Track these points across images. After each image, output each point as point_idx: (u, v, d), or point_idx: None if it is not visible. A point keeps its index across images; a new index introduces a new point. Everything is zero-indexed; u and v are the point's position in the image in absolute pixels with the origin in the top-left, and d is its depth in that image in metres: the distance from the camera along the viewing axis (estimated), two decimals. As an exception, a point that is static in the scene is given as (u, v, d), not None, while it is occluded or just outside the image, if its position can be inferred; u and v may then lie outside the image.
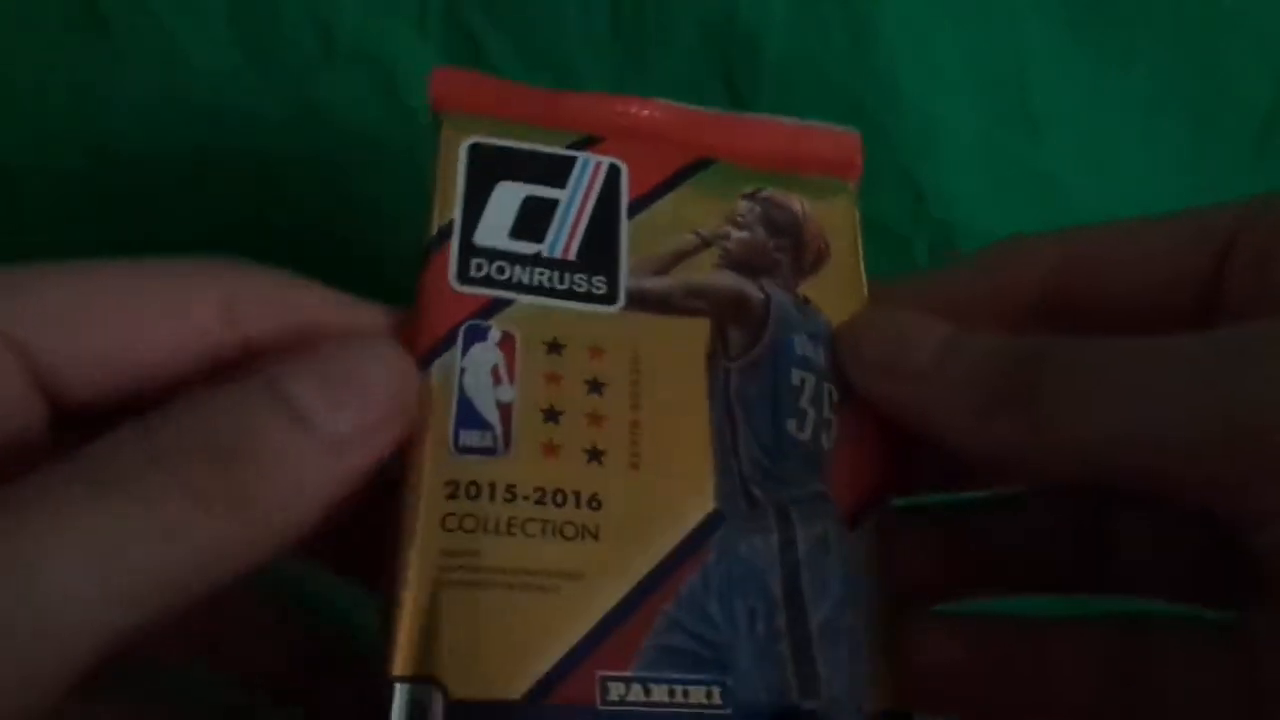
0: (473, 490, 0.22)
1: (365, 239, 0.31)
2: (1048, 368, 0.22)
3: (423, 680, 0.20)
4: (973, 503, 0.27)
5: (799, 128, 0.28)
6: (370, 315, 0.23)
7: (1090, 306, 0.25)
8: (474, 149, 0.25)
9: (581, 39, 0.30)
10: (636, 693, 0.21)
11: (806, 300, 0.26)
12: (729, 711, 0.21)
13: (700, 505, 0.23)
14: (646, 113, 0.27)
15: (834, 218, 0.27)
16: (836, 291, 0.26)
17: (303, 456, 0.20)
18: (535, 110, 0.26)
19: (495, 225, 0.25)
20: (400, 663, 0.20)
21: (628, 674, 0.21)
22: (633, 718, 0.21)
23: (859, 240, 0.27)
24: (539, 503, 0.22)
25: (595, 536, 0.22)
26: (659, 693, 0.21)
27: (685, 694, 0.21)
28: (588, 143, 0.26)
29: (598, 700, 0.21)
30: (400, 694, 0.20)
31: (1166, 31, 0.29)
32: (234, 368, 0.22)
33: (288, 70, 0.29)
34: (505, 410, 0.23)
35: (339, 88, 0.30)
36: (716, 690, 0.21)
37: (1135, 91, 0.28)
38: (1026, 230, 0.23)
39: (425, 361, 0.23)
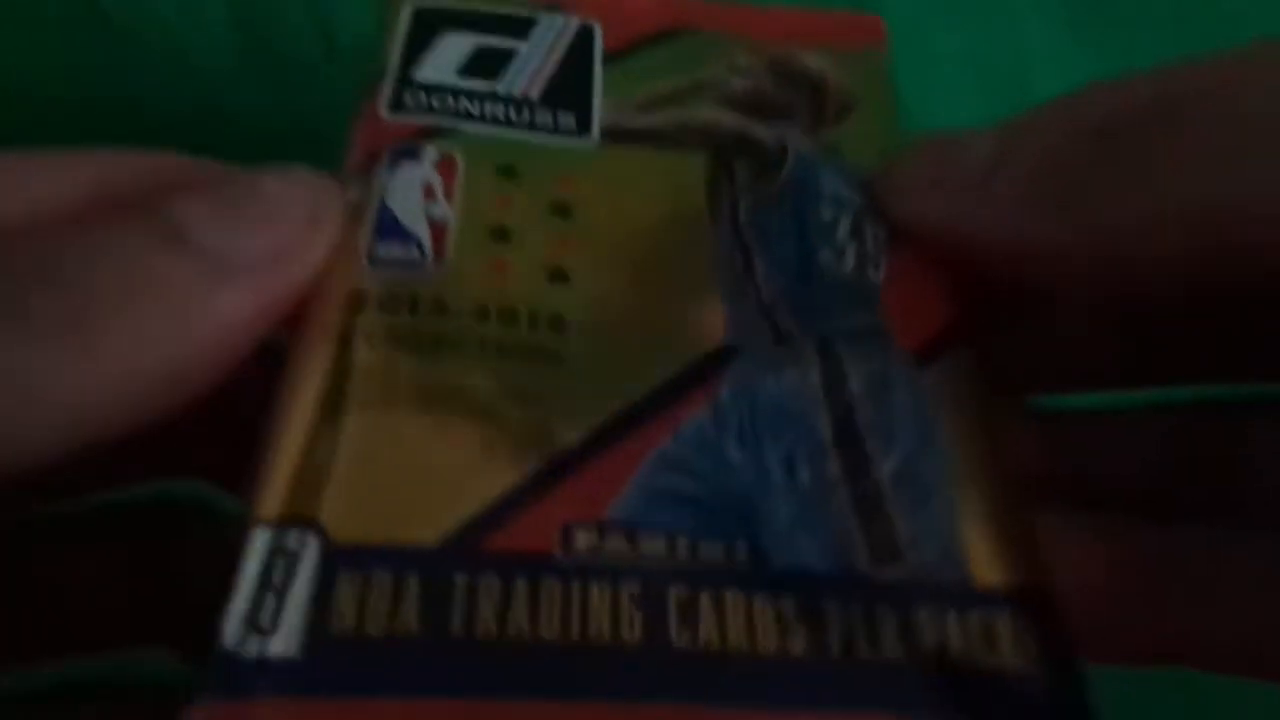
0: (387, 302, 0.16)
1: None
2: (1124, 143, 0.16)
3: (293, 523, 0.13)
4: (1071, 412, 0.21)
5: (810, 13, 0.24)
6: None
7: None
8: (418, 15, 0.21)
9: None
10: (617, 543, 0.14)
11: (832, 149, 0.21)
12: (763, 577, 0.14)
13: (704, 338, 0.17)
14: None
15: (861, 78, 0.22)
16: (866, 139, 0.21)
17: (176, 280, 0.15)
18: None
19: (440, 63, 0.20)
20: (265, 503, 0.14)
21: (604, 519, 0.14)
22: (613, 576, 0.14)
23: (894, 101, 0.22)
24: (479, 316, 0.16)
25: (557, 361, 0.16)
26: (652, 544, 0.14)
27: (693, 549, 0.14)
28: (554, 8, 0.22)
29: (556, 549, 0.14)
30: (257, 541, 0.13)
31: (1166, 31, 0.29)
32: None
33: (288, 70, 0.29)
34: (439, 228, 0.17)
35: (339, 88, 0.29)
36: (740, 547, 0.14)
37: None
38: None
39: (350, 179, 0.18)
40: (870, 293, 0.18)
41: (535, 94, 0.20)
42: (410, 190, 0.18)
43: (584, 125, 0.20)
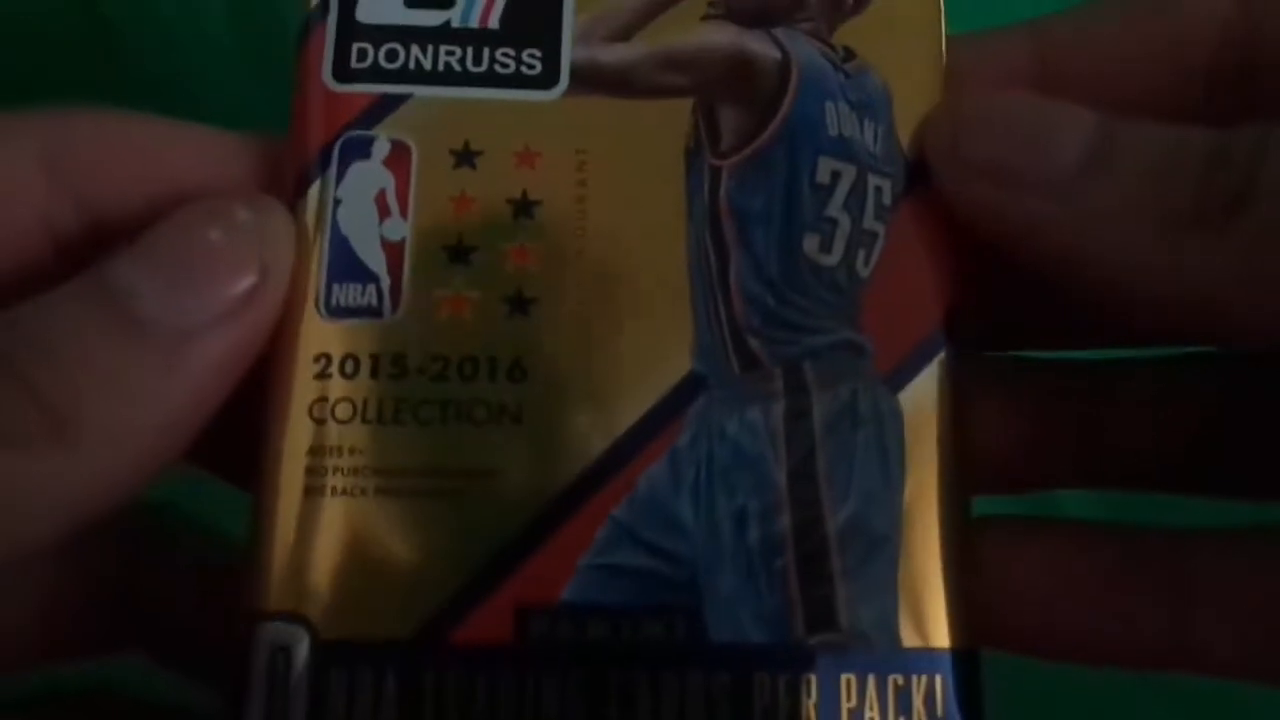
0: (348, 366, 0.16)
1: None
2: (1270, 163, 0.14)
3: (286, 617, 0.16)
4: (1073, 366, 0.19)
5: None
6: (229, 150, 0.18)
7: None
8: None
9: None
10: (567, 629, 0.15)
11: (849, 53, 0.18)
12: (698, 651, 0.15)
13: (670, 367, 0.16)
14: None
15: None
16: (896, 36, 0.18)
17: (139, 365, 0.15)
18: None
19: (387, -9, 0.18)
20: (259, 595, 0.16)
21: (555, 603, 0.16)
22: (567, 660, 0.15)
23: None
24: (438, 378, 0.16)
25: (516, 418, 0.16)
26: (598, 627, 0.15)
27: (635, 628, 0.16)
28: None
29: (513, 637, 0.15)
30: (260, 636, 0.15)
31: None
32: (75, 246, 0.17)
33: (288, 71, 0.28)
34: (394, 252, 0.17)
35: None
36: (680, 621, 0.16)
37: None
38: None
39: (299, 189, 0.17)
40: (853, 296, 0.17)
41: (495, 20, 0.18)
42: (362, 205, 0.17)
43: (551, 68, 0.17)
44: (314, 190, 0.17)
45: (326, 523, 0.16)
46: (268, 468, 0.16)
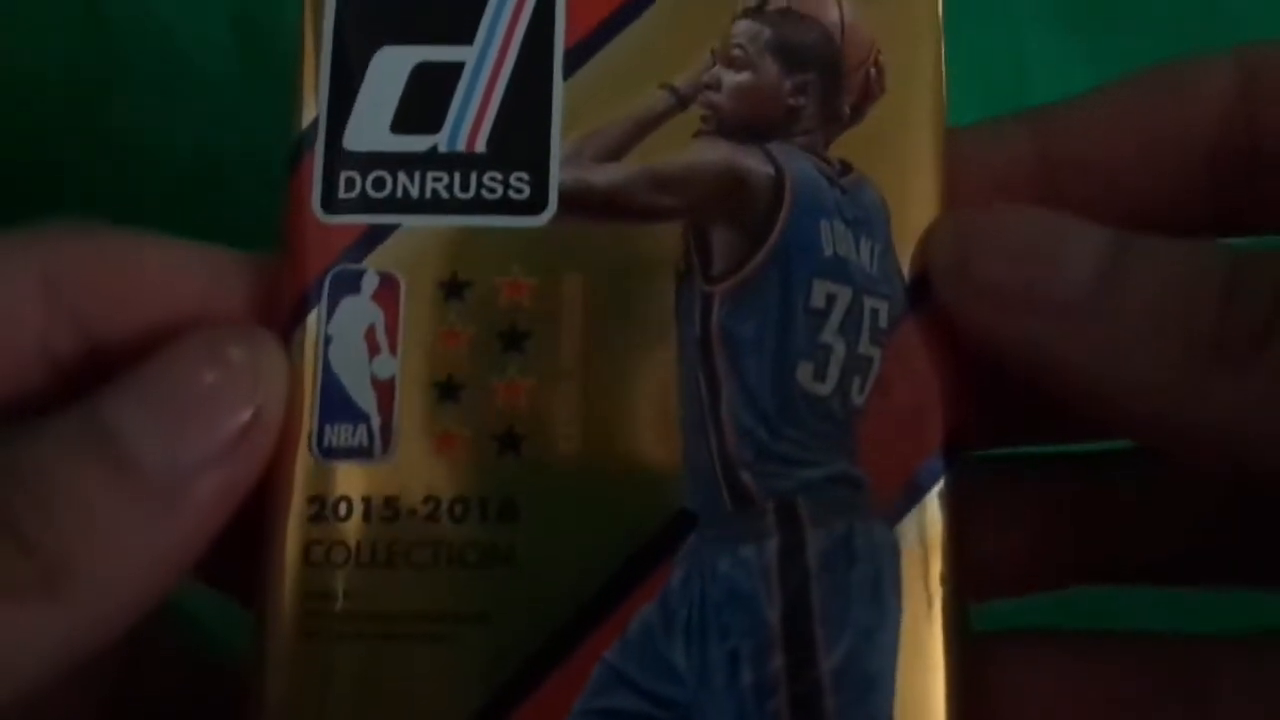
0: (342, 508, 0.16)
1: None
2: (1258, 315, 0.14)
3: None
4: (1068, 461, 0.19)
5: None
6: (224, 272, 0.18)
7: None
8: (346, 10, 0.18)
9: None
10: (559, 778, 0.16)
11: (846, 166, 0.17)
12: None
13: (661, 503, 0.16)
14: None
15: (897, 20, 0.18)
16: (897, 144, 0.17)
17: (130, 509, 0.15)
18: None
19: (373, 116, 0.18)
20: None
21: (548, 751, 0.16)
22: None
23: (940, 56, 0.18)
24: (429, 518, 0.16)
25: (507, 560, 0.16)
26: (591, 777, 0.16)
27: (628, 777, 0.16)
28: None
29: (507, 791, 0.16)
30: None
31: (1167, 32, 0.28)
32: (72, 368, 0.17)
33: (288, 71, 0.29)
34: (385, 390, 0.17)
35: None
36: (675, 770, 0.16)
37: None
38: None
39: (291, 324, 0.17)
40: (847, 426, 0.17)
41: (481, 143, 0.17)
42: (352, 343, 0.17)
43: (539, 191, 0.17)
44: (305, 326, 0.17)
45: (324, 667, 0.16)
46: (265, 611, 0.16)
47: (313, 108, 0.18)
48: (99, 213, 0.28)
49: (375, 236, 0.17)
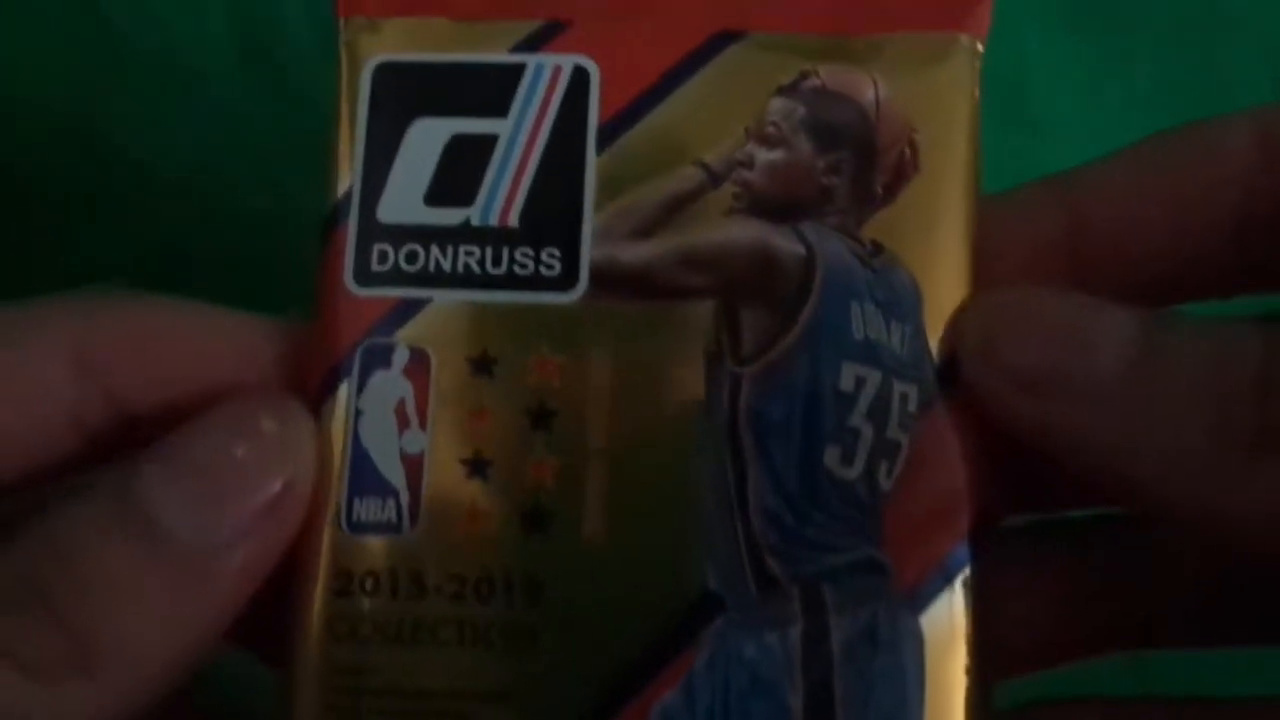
0: (369, 583, 0.17)
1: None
2: None
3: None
4: (1092, 528, 0.19)
5: None
6: (254, 339, 0.18)
7: None
8: (381, 71, 0.18)
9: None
10: None
11: (877, 247, 0.17)
12: None
13: (686, 588, 0.16)
14: None
15: (932, 99, 0.18)
16: (928, 225, 0.17)
17: (162, 584, 0.15)
18: None
19: (407, 188, 0.18)
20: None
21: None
22: None
23: (976, 134, 0.18)
24: (456, 596, 0.16)
25: (531, 639, 0.16)
26: None
27: None
28: (546, 35, 0.18)
29: None
30: None
31: (1166, 32, 0.28)
32: (103, 436, 0.18)
33: (287, 70, 0.28)
34: (414, 465, 0.17)
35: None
36: None
37: (1135, 92, 0.28)
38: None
39: (321, 396, 0.17)
40: (874, 511, 0.17)
41: (514, 218, 0.18)
42: (382, 417, 0.17)
43: (570, 267, 0.17)
44: (336, 398, 0.17)
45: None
46: (292, 684, 0.16)
47: (347, 177, 0.18)
48: (99, 210, 0.28)
49: (407, 310, 0.17)
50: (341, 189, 0.18)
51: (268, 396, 0.17)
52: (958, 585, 0.16)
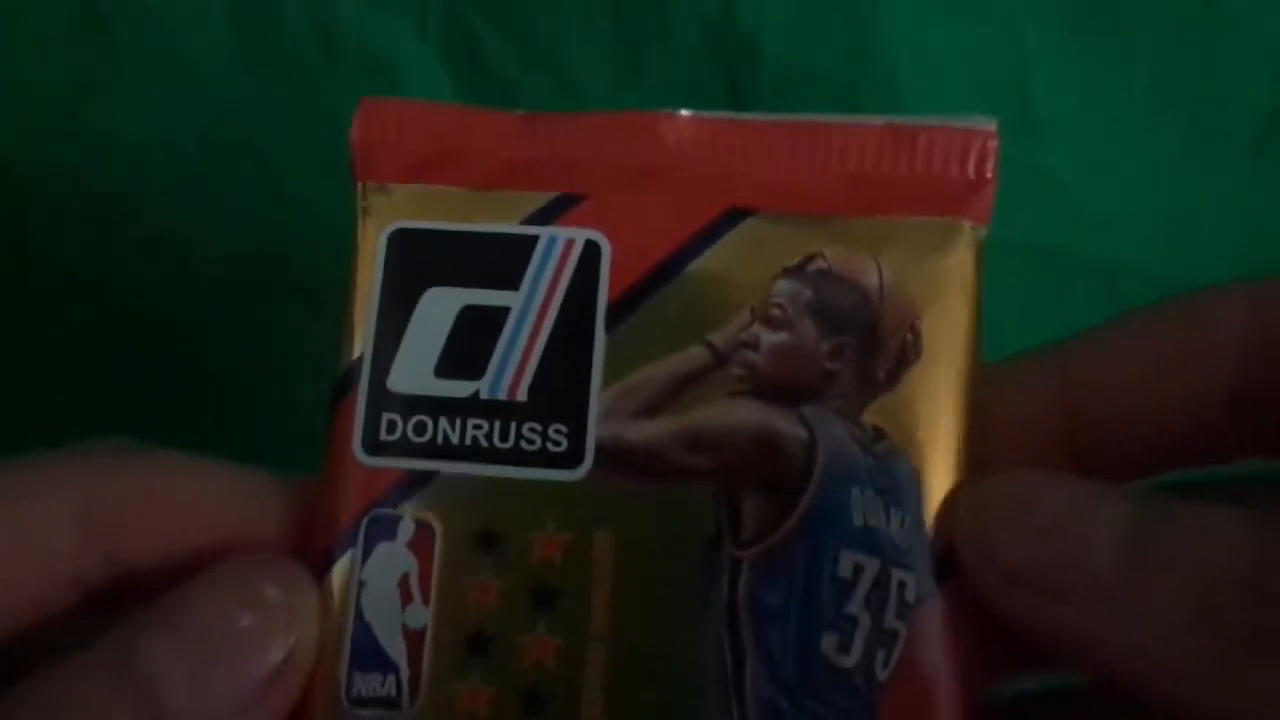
0: None
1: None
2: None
3: None
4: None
5: (892, 130, 0.18)
6: (260, 498, 0.18)
7: None
8: (396, 238, 0.18)
9: (581, 39, 0.28)
10: None
11: (879, 433, 0.18)
12: None
13: (680, 776, 0.16)
14: (663, 134, 0.19)
15: (935, 286, 0.18)
16: (930, 413, 0.18)
17: None
18: (493, 165, 0.19)
19: (417, 358, 0.18)
20: None
21: None
22: None
23: (977, 320, 0.18)
24: None
25: (526, 822, 0.16)
26: None
27: None
28: (560, 207, 0.18)
29: None
30: None
31: (1166, 32, 0.28)
32: (102, 592, 0.18)
33: (287, 71, 0.29)
34: (415, 640, 0.17)
35: (339, 87, 0.28)
36: None
37: (1135, 92, 0.27)
38: (1028, 234, 0.22)
39: (325, 565, 0.17)
40: (870, 702, 0.17)
41: (522, 392, 0.18)
42: (385, 590, 0.17)
43: (576, 444, 0.18)
44: (339, 569, 0.17)
45: None
46: None
47: (359, 343, 0.18)
48: (99, 210, 0.28)
49: (414, 482, 0.17)
50: (354, 354, 0.18)
51: (272, 562, 0.17)
52: None
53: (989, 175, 0.18)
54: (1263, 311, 0.17)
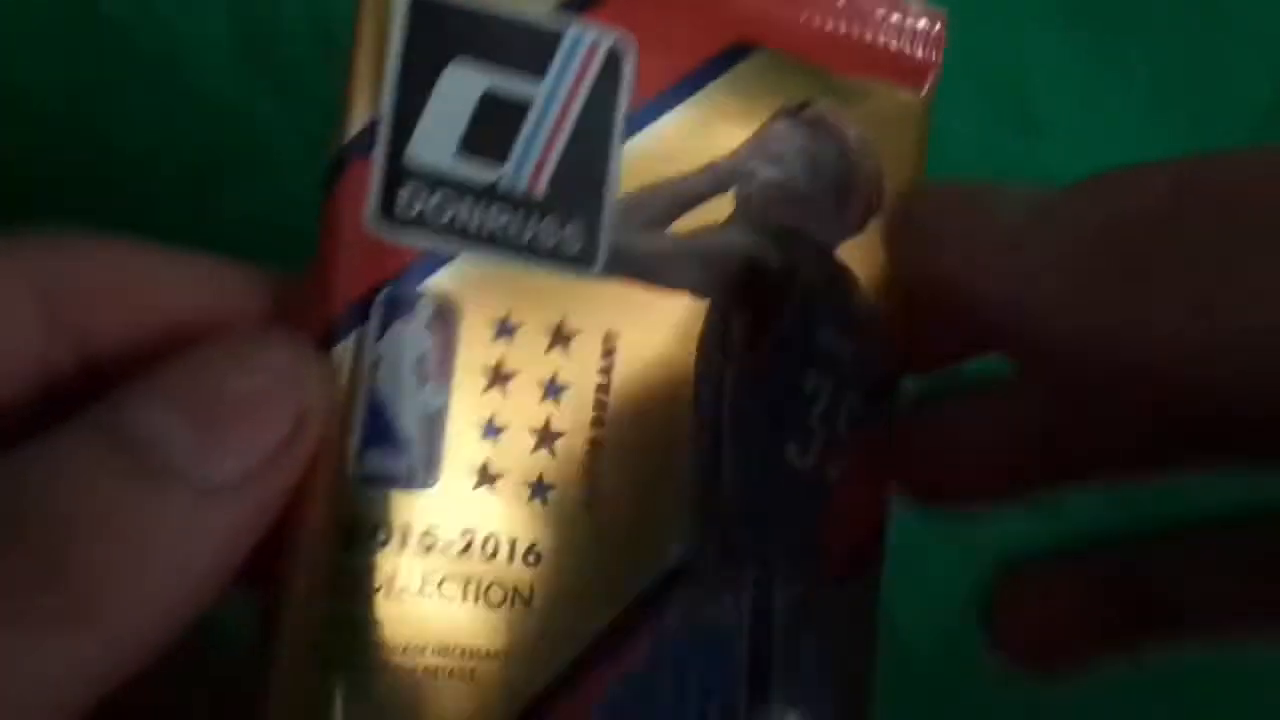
0: (381, 536, 0.16)
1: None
2: (1202, 206, 0.14)
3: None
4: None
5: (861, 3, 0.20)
6: (238, 286, 0.16)
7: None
8: (416, 6, 0.17)
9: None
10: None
11: (843, 271, 0.20)
12: None
13: (665, 555, 0.18)
14: None
15: (895, 147, 0.20)
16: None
17: (165, 529, 0.14)
18: None
19: (440, 131, 0.17)
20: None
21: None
22: None
23: (923, 176, 0.21)
24: (463, 552, 0.17)
25: (527, 601, 0.17)
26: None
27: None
28: (586, 2, 0.18)
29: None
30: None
31: (1166, 32, 0.29)
32: (73, 394, 0.15)
33: (288, 70, 0.29)
34: (433, 421, 0.17)
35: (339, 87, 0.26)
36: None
37: (1135, 92, 0.28)
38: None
39: (332, 339, 0.16)
40: (818, 499, 0.19)
41: (542, 189, 0.18)
42: (402, 369, 0.17)
43: (590, 244, 0.18)
44: (348, 345, 0.16)
45: (334, 699, 0.16)
46: (284, 635, 0.16)
47: (368, 111, 0.17)
48: (99, 210, 0.27)
49: (434, 262, 0.17)
50: (362, 123, 0.17)
51: (272, 331, 0.16)
52: (868, 577, 0.20)
53: (935, 58, 0.21)
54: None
